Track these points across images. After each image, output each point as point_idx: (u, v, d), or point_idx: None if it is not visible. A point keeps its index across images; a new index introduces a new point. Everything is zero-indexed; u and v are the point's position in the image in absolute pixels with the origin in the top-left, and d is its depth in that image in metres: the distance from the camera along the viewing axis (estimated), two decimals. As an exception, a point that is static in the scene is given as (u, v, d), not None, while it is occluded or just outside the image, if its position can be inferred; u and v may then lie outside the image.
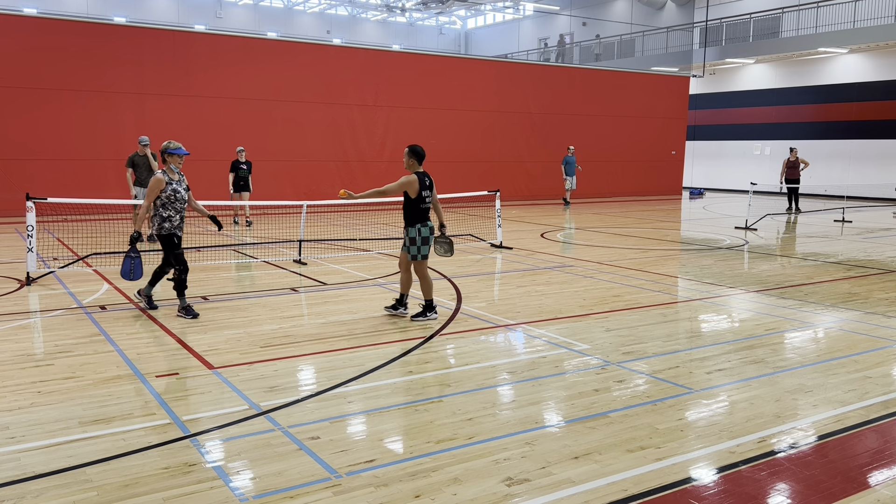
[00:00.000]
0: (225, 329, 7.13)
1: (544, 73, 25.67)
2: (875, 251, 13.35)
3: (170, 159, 7.47)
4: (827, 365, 6.12)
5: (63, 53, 17.34)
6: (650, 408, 5.04)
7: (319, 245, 13.03)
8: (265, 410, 4.91)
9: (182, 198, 7.54)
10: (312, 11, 45.93)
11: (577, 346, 6.64)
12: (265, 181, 19.35)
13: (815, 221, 18.96)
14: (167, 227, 7.50)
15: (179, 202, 7.52)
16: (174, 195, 7.45)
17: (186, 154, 7.57)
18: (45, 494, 3.71)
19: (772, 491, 3.87)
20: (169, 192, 7.42)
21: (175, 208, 7.50)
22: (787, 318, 7.91)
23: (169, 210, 7.46)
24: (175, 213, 7.51)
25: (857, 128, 27.59)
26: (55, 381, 5.49)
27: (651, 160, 27.21)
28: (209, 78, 18.99)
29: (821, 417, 4.91)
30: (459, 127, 22.77)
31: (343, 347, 6.51)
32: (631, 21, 36.86)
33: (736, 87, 31.96)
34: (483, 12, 47.94)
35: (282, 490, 3.79)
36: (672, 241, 14.57)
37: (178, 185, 7.51)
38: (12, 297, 8.55)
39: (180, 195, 7.51)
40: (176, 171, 7.55)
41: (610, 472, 4.04)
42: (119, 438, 4.42)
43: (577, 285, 9.64)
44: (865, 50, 26.84)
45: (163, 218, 7.48)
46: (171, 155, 7.46)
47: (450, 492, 3.79)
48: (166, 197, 7.42)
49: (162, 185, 7.39)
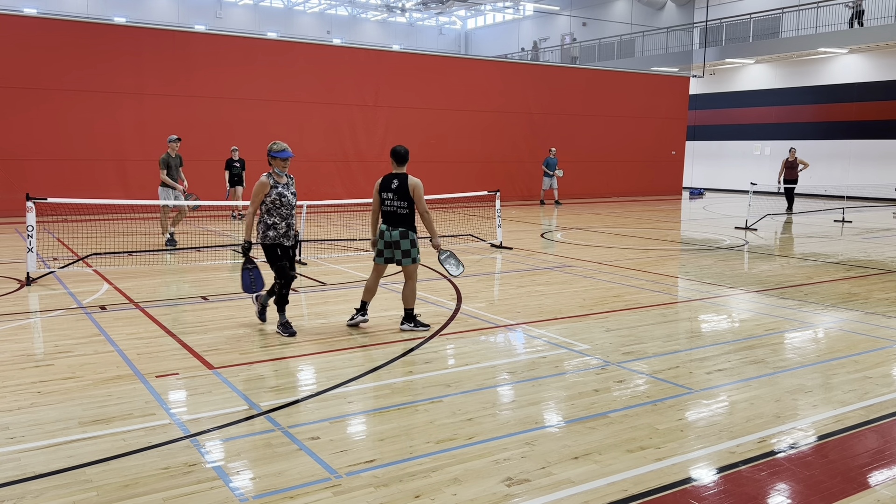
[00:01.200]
0: (225, 329, 7.13)
1: (544, 73, 25.67)
2: (875, 251, 13.35)
3: (273, 162, 6.78)
4: (827, 365, 6.12)
5: (63, 53, 17.33)
6: (650, 408, 5.04)
7: (319, 245, 13.03)
8: (265, 410, 4.91)
9: (289, 203, 6.85)
10: (312, 11, 45.94)
11: (577, 346, 6.64)
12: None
13: (815, 221, 18.97)
14: (271, 236, 6.81)
15: (285, 208, 6.82)
16: (279, 200, 6.77)
17: (289, 157, 6.81)
18: (45, 494, 3.71)
19: (772, 491, 3.87)
20: (274, 197, 6.76)
21: (280, 214, 6.81)
22: (787, 318, 7.91)
23: (274, 216, 6.80)
24: (280, 219, 6.82)
25: (857, 128, 27.59)
26: (55, 381, 5.49)
27: (651, 160, 27.21)
28: (209, 78, 18.99)
29: (821, 417, 4.91)
30: (459, 127, 22.77)
31: (343, 347, 6.51)
32: (631, 21, 36.87)
33: (736, 88, 31.97)
34: (483, 12, 47.94)
35: (282, 490, 3.79)
36: (672, 242, 14.57)
37: (285, 189, 6.84)
38: (12, 297, 8.54)
39: (286, 200, 6.82)
40: (283, 175, 6.87)
41: (610, 472, 4.04)
42: (119, 438, 4.42)
43: (577, 285, 9.64)
44: (865, 50, 26.84)
45: (267, 225, 6.82)
46: (274, 158, 6.78)
47: (450, 492, 3.79)
48: (270, 202, 6.77)
49: (266, 189, 6.75)
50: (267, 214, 6.82)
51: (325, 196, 19.48)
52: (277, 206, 6.78)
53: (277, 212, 6.80)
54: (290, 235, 6.92)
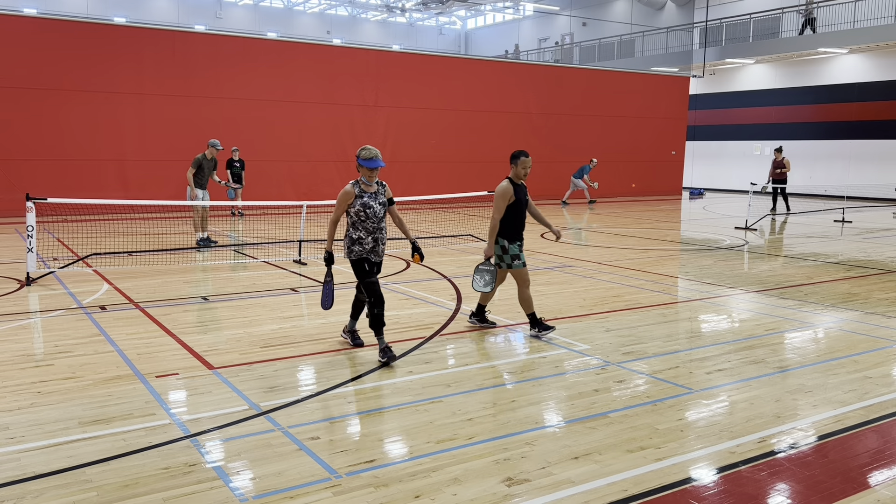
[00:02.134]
0: (225, 329, 7.13)
1: (544, 73, 25.67)
2: (875, 251, 13.34)
3: (360, 170, 6.03)
4: (827, 365, 6.12)
5: (63, 53, 17.34)
6: (650, 408, 5.04)
7: (319, 245, 13.03)
8: (265, 410, 4.91)
9: (376, 215, 6.04)
10: (312, 11, 45.95)
11: (577, 346, 6.64)
12: (265, 181, 19.38)
13: (814, 221, 18.96)
14: (357, 251, 6.07)
15: (371, 220, 6.03)
16: (364, 211, 6.00)
17: (378, 167, 5.98)
18: (45, 494, 3.71)
19: (772, 491, 3.87)
20: (358, 208, 6.00)
21: (366, 228, 6.04)
22: (787, 318, 7.91)
23: (359, 230, 6.05)
24: (366, 234, 6.05)
25: (857, 128, 27.59)
26: (55, 381, 5.49)
27: (651, 160, 27.21)
28: (209, 78, 18.99)
29: (821, 417, 4.91)
30: (459, 127, 22.77)
31: (343, 347, 6.51)
32: (631, 21, 36.87)
33: (736, 88, 31.96)
34: (483, 12, 47.95)
35: (282, 490, 3.79)
36: (672, 242, 14.57)
37: (372, 199, 6.04)
38: (12, 297, 8.54)
39: (373, 211, 6.02)
40: (373, 183, 6.10)
41: (610, 472, 4.04)
42: (119, 439, 4.42)
43: (577, 285, 9.64)
44: (865, 50, 26.84)
45: (352, 240, 6.09)
46: (361, 166, 6.02)
47: (450, 492, 3.79)
48: (354, 213, 6.03)
49: (349, 199, 6.01)
50: (352, 228, 6.10)
51: (325, 196, 19.47)
52: (362, 218, 6.02)
53: (363, 225, 6.05)
54: (379, 252, 6.17)
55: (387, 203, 6.20)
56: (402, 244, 13.35)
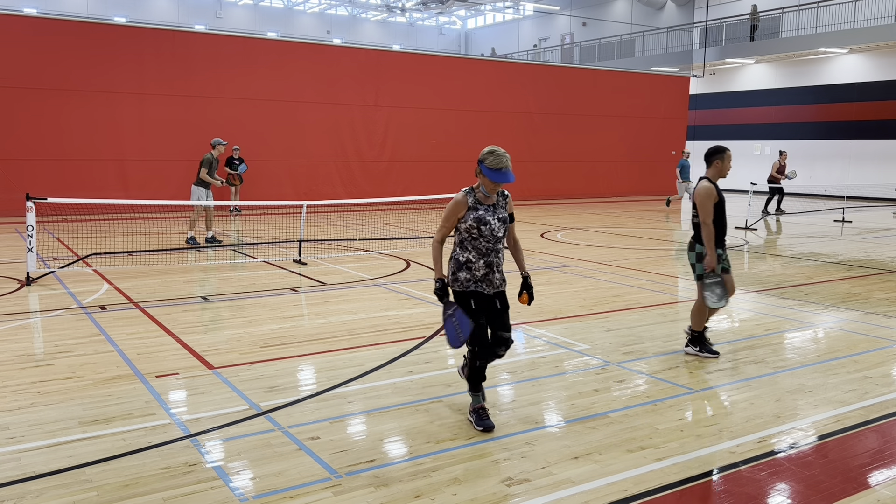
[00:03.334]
0: (225, 329, 7.14)
1: (544, 73, 25.67)
2: (875, 251, 13.35)
3: (479, 177, 4.64)
4: (827, 365, 6.12)
5: (63, 53, 17.34)
6: (650, 408, 5.04)
7: (319, 245, 13.03)
8: (265, 410, 4.91)
9: (494, 233, 4.65)
10: (312, 11, 45.94)
11: (577, 346, 6.64)
12: (265, 181, 19.40)
13: (814, 221, 18.96)
14: (462, 279, 4.70)
15: (486, 240, 4.64)
16: (478, 228, 4.61)
17: (504, 181, 4.55)
18: (45, 494, 3.71)
19: (772, 491, 3.87)
20: (470, 223, 4.62)
21: (478, 249, 4.65)
22: (787, 318, 7.91)
23: (468, 250, 4.68)
24: (478, 256, 4.66)
25: (857, 128, 27.59)
26: (55, 381, 5.49)
27: (651, 160, 27.21)
28: (209, 78, 19.00)
29: (821, 417, 4.91)
30: (459, 127, 22.76)
31: (343, 347, 6.51)
32: (631, 21, 36.87)
33: (736, 87, 31.97)
34: (483, 12, 47.95)
35: (282, 490, 3.79)
36: (672, 242, 14.56)
37: (490, 213, 4.64)
38: (12, 297, 8.54)
39: (489, 229, 4.63)
40: (492, 195, 4.67)
41: (610, 472, 4.04)
42: (119, 438, 4.42)
43: (577, 285, 9.64)
44: (865, 50, 26.84)
45: (458, 263, 4.72)
46: (483, 175, 4.60)
47: (450, 492, 3.79)
48: (465, 229, 4.65)
49: (460, 211, 4.65)
50: (459, 248, 4.75)
51: (325, 196, 19.50)
52: (475, 235, 4.64)
53: (473, 245, 4.66)
54: (494, 281, 4.74)
55: (507, 219, 4.77)
56: (402, 244, 13.37)
